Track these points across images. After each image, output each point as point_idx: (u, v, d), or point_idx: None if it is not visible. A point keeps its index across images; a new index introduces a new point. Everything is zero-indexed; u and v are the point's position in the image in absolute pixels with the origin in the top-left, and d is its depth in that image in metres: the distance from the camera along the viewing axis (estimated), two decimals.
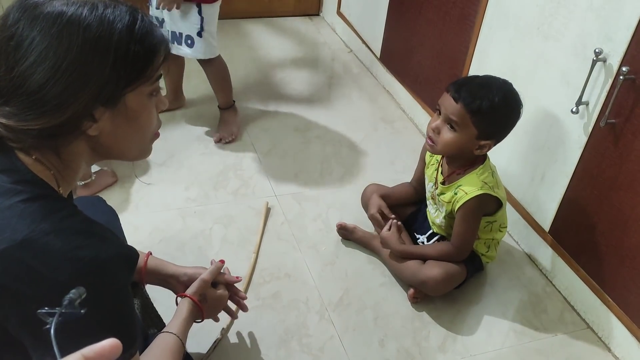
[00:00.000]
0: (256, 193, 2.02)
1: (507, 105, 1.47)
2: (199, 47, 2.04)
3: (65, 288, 0.62)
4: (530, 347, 1.60)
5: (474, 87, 1.48)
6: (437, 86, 2.29)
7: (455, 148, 1.52)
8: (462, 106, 1.46)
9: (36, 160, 0.80)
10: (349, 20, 3.03)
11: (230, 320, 1.50)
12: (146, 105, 0.86)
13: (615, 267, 1.56)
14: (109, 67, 0.76)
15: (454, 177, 1.60)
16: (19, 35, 0.74)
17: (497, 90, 1.47)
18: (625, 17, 1.41)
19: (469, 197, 1.53)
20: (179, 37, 2.03)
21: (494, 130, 1.50)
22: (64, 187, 0.85)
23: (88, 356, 0.48)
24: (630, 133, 1.45)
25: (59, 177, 0.83)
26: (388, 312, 1.64)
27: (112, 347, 0.48)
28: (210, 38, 2.05)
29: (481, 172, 1.56)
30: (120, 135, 0.84)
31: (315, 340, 1.54)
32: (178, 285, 1.32)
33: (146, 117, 0.87)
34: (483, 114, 1.45)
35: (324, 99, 2.62)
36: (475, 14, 1.98)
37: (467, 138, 1.49)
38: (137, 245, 1.03)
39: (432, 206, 1.71)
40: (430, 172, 1.69)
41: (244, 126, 2.36)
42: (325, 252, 1.82)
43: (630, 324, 1.54)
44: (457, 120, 1.47)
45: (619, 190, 1.51)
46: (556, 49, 1.64)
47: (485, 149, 1.52)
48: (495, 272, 1.81)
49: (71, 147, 0.82)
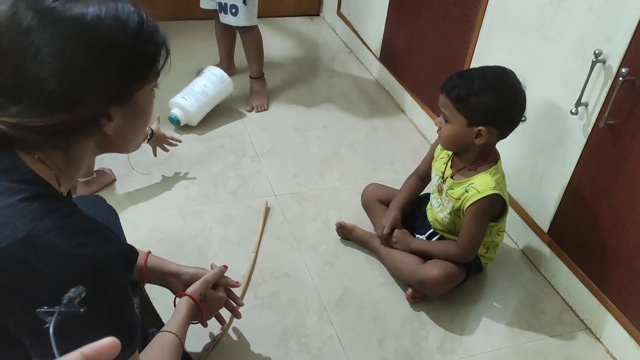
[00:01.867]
0: (256, 192, 2.02)
1: (491, 89, 1.46)
2: (242, 14, 2.28)
3: (65, 286, 0.62)
4: (528, 348, 1.60)
5: (458, 77, 1.51)
6: (436, 87, 2.27)
7: (454, 140, 1.54)
8: (445, 96, 1.50)
9: (38, 159, 0.80)
10: (349, 20, 3.03)
11: (227, 323, 1.49)
12: (151, 100, 0.89)
13: (614, 267, 1.56)
14: (119, 66, 0.78)
15: (464, 172, 1.59)
16: (30, 34, 0.74)
17: (480, 76, 1.48)
18: (624, 18, 1.41)
19: (481, 196, 1.52)
20: (224, 6, 2.29)
21: (483, 116, 1.47)
22: (64, 185, 0.85)
23: (87, 355, 0.48)
24: (629, 134, 1.45)
25: (60, 176, 0.84)
26: (387, 312, 1.65)
27: (111, 345, 0.48)
28: (252, 6, 2.30)
29: (494, 172, 1.55)
30: (127, 130, 0.87)
31: (314, 340, 1.54)
32: (177, 284, 1.32)
33: (150, 111, 0.90)
34: (463, 100, 1.47)
35: (324, 99, 2.62)
36: (475, 15, 1.98)
37: (459, 127, 1.50)
38: (136, 244, 1.03)
39: (437, 200, 1.69)
40: (439, 166, 1.68)
41: (244, 126, 2.36)
42: (325, 252, 1.82)
43: (628, 325, 1.54)
44: (446, 112, 1.51)
45: (617, 191, 1.52)
46: (556, 50, 1.64)
47: (484, 137, 1.49)
48: (493, 273, 1.82)
49: (80, 145, 0.83)
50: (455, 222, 1.64)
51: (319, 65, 2.89)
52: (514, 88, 1.49)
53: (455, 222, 1.64)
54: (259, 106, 2.48)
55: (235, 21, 2.31)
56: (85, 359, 0.47)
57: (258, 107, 2.47)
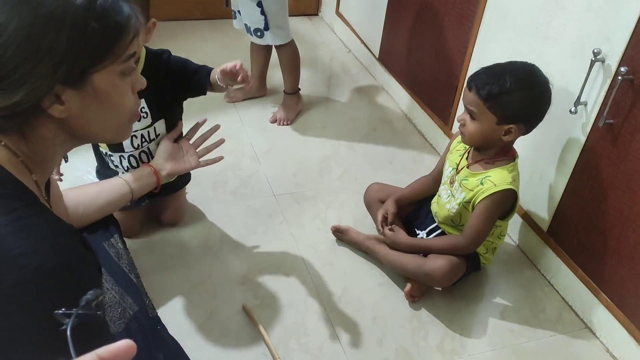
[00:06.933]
0: (255, 193, 2.02)
1: (522, 87, 1.45)
2: (268, 37, 2.23)
3: (9, 294, 0.60)
4: (528, 347, 1.60)
5: (486, 73, 1.48)
6: (435, 86, 2.29)
7: (481, 137, 1.52)
8: (475, 94, 1.47)
9: (4, 146, 0.77)
10: (347, 20, 3.03)
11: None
12: (117, 85, 0.81)
13: (614, 267, 1.56)
14: (64, 44, 0.72)
15: (482, 164, 1.58)
16: None
17: (511, 73, 1.45)
18: (623, 17, 1.41)
19: (497, 189, 1.51)
20: (248, 29, 2.25)
21: (515, 114, 1.47)
22: (37, 174, 0.81)
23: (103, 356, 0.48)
24: (629, 133, 1.45)
25: (30, 164, 0.80)
26: (386, 312, 1.65)
27: (128, 347, 0.49)
28: (277, 29, 2.22)
29: (512, 169, 1.55)
30: (92, 116, 0.81)
31: (314, 340, 1.54)
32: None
33: (119, 97, 0.83)
34: (495, 98, 1.44)
35: (323, 99, 2.62)
36: (474, 15, 1.98)
37: (488, 125, 1.48)
38: (136, 244, 1.03)
39: (446, 191, 1.68)
40: (454, 158, 1.68)
41: (243, 126, 2.36)
42: (324, 251, 1.82)
43: (628, 324, 1.54)
44: (474, 110, 1.49)
45: (617, 190, 1.52)
46: (555, 49, 1.64)
47: (513, 134, 1.49)
48: (493, 272, 1.82)
49: (38, 131, 0.79)
50: (462, 213, 1.63)
51: (318, 65, 2.89)
52: (544, 85, 1.49)
53: (461, 213, 1.63)
54: (282, 119, 2.39)
55: (262, 41, 2.26)
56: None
57: (281, 120, 2.39)
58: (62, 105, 0.77)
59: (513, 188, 1.52)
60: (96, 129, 0.84)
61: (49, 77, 0.73)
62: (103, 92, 0.80)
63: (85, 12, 0.73)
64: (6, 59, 0.71)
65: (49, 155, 0.83)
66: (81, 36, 0.74)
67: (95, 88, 0.78)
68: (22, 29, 0.71)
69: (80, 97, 0.78)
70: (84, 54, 0.75)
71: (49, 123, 0.79)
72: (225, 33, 2.94)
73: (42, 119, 0.77)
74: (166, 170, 1.53)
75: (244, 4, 2.18)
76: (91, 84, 0.78)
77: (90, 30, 0.74)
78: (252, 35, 2.26)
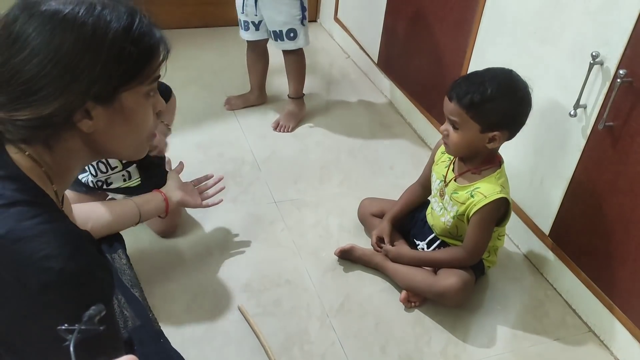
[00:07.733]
0: (256, 200, 2.02)
1: (504, 93, 1.44)
2: (301, 36, 2.22)
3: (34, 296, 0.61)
4: (532, 352, 1.59)
5: (466, 82, 1.47)
6: (435, 91, 2.29)
7: (465, 147, 1.51)
8: (456, 104, 1.46)
9: (28, 156, 0.80)
10: (346, 26, 3.04)
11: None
12: (143, 104, 0.86)
13: (617, 269, 1.56)
14: (101, 65, 0.77)
15: (468, 175, 1.57)
16: (17, 31, 0.76)
17: (491, 79, 1.44)
18: (621, 20, 1.41)
19: (488, 201, 1.51)
20: (279, 33, 2.20)
21: (498, 120, 1.46)
22: (58, 184, 0.84)
23: None
24: (629, 135, 1.45)
25: (52, 175, 0.83)
26: (389, 318, 1.64)
27: None
28: (307, 28, 2.24)
29: (499, 176, 1.55)
30: (116, 133, 0.85)
31: (317, 347, 1.53)
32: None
33: (142, 117, 0.87)
34: (477, 106, 1.43)
35: (322, 105, 2.62)
36: (473, 19, 1.98)
37: (472, 134, 1.47)
38: (137, 253, 1.02)
39: (438, 204, 1.68)
40: (440, 169, 1.67)
41: (243, 133, 2.36)
42: (326, 258, 1.81)
43: (632, 327, 1.54)
44: (457, 120, 1.47)
45: (618, 193, 1.52)
46: (553, 52, 1.64)
47: (497, 140, 1.48)
48: (496, 277, 1.81)
49: (64, 143, 0.82)
50: (459, 226, 1.63)
51: (317, 71, 2.89)
52: (524, 89, 1.48)
53: (458, 226, 1.63)
54: (284, 126, 2.38)
55: (294, 45, 2.24)
56: None
57: (282, 127, 2.38)
58: (90, 120, 0.80)
59: (503, 196, 1.52)
60: (117, 145, 0.88)
61: (82, 94, 0.77)
62: (130, 110, 0.84)
63: (124, 35, 0.78)
64: (44, 74, 0.75)
65: (70, 167, 0.87)
66: (117, 58, 0.78)
67: (123, 106, 0.83)
68: (62, 48, 0.75)
69: (109, 114, 0.81)
70: (117, 74, 0.79)
71: (75, 137, 0.82)
72: (224, 40, 2.95)
73: (70, 132, 0.81)
74: (177, 198, 1.60)
75: (272, 7, 2.16)
76: (120, 102, 0.82)
77: (127, 52, 0.79)
78: (282, 40, 2.22)
